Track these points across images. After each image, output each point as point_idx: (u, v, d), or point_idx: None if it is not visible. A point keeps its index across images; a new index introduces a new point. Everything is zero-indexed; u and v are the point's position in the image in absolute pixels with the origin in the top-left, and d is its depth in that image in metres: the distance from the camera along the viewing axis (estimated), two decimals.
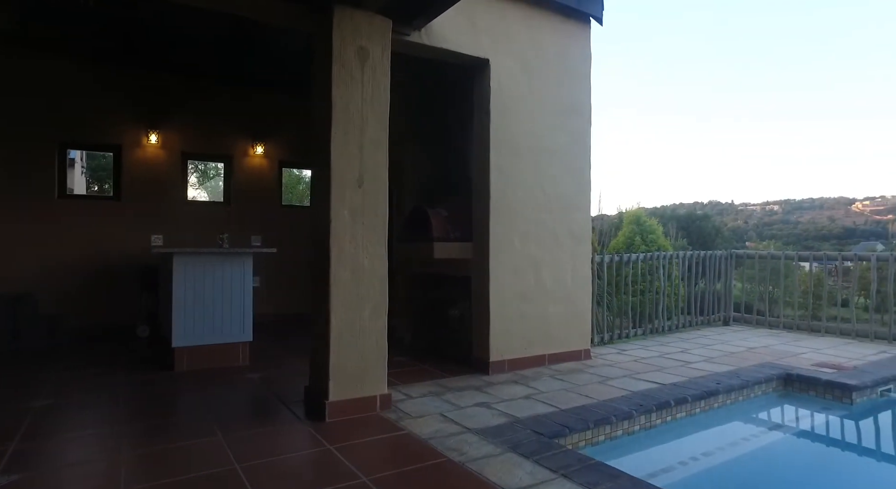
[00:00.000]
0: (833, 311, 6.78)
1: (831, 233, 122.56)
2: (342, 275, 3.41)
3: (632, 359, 5.16)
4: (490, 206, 4.57)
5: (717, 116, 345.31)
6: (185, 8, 3.55)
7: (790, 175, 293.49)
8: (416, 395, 3.93)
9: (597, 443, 3.36)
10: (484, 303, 4.61)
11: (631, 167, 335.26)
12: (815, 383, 4.45)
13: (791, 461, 3.65)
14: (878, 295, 6.42)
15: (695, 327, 7.12)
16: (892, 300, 6.13)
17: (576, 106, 5.11)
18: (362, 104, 3.47)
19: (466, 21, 4.34)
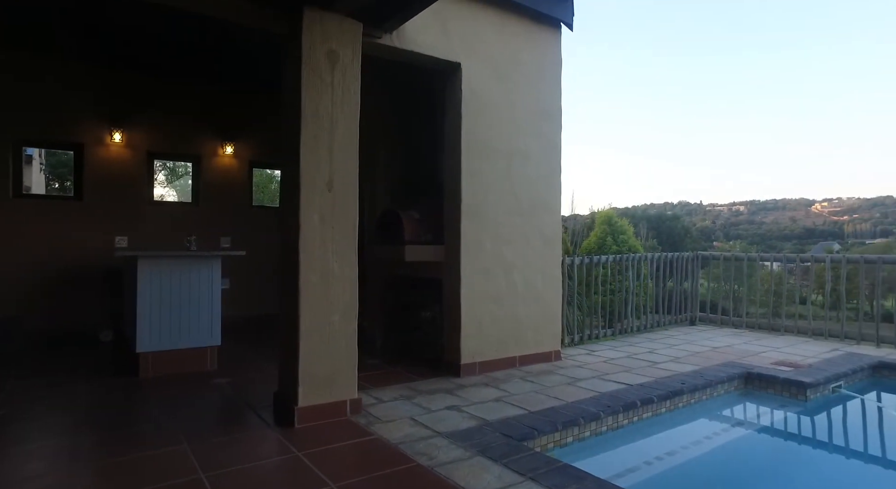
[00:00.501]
0: (792, 309, 7.03)
1: (793, 233, 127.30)
2: (312, 280, 3.39)
3: (601, 360, 5.25)
4: (461, 208, 4.59)
5: (688, 119, 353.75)
6: (151, 6, 3.47)
7: (756, 176, 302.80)
8: (387, 399, 3.93)
9: (565, 444, 3.42)
10: (455, 306, 4.63)
11: (604, 168, 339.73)
12: (773, 381, 4.61)
13: (750, 457, 3.77)
14: (832, 294, 6.69)
15: (663, 327, 7.29)
16: (845, 300, 6.40)
17: (547, 110, 5.17)
18: (332, 108, 3.45)
19: (438, 25, 4.35)
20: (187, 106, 7.15)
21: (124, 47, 6.01)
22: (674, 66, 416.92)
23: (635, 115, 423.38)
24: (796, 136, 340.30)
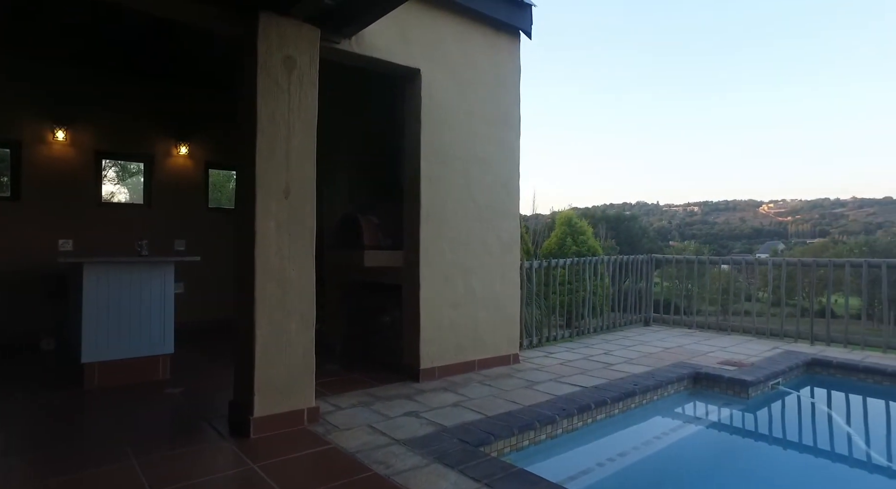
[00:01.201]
0: (740, 306, 7.38)
1: (742, 233, 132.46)
2: (268, 288, 3.34)
3: (558, 363, 5.37)
4: (421, 214, 4.61)
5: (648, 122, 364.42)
6: (101, 3, 3.34)
7: (709, 178, 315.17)
8: (345, 406, 3.91)
9: (521, 448, 3.49)
10: (414, 311, 4.65)
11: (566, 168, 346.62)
12: (719, 381, 4.83)
13: (697, 454, 3.94)
14: (775, 293, 7.05)
15: (618, 328, 7.51)
16: (784, 300, 6.77)
17: (506, 117, 5.25)
18: (289, 114, 3.40)
19: (398, 31, 4.35)
20: (140, 105, 6.89)
21: (68, 40, 5.73)
22: (635, 70, 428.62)
23: (598, 117, 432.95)
24: (747, 139, 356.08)
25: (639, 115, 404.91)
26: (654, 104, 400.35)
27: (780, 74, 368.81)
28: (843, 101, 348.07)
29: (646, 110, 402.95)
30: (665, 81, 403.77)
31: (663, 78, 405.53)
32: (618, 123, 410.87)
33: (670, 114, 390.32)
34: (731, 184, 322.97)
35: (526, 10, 5.18)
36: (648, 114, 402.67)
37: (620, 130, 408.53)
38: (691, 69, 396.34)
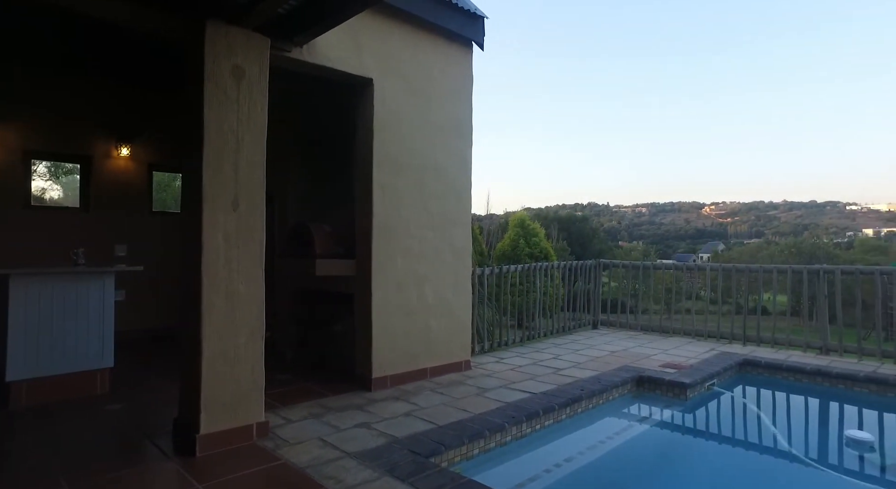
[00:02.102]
0: (683, 305, 7.74)
1: (687, 233, 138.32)
2: (215, 302, 3.27)
3: (509, 368, 5.49)
4: (373, 223, 4.61)
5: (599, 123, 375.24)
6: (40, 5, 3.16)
7: (657, 180, 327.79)
8: (296, 419, 3.87)
9: (471, 457, 3.55)
10: (366, 320, 4.65)
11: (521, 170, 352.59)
12: (660, 383, 5.07)
13: (640, 456, 4.12)
14: (714, 292, 7.45)
15: (568, 332, 7.73)
16: (720, 304, 7.16)
17: (458, 126, 5.32)
18: (238, 124, 3.34)
19: (350, 40, 4.33)
20: (76, 103, 6.54)
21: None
22: (588, 74, 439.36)
23: (553, 119, 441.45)
24: (693, 142, 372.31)
25: (591, 118, 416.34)
26: (607, 107, 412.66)
27: (723, 81, 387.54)
28: (777, 107, 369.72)
29: (598, 113, 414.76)
30: (617, 85, 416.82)
31: (615, 81, 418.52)
32: (571, 125, 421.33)
33: (621, 117, 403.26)
34: (677, 186, 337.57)
35: (478, 22, 5.26)
36: (601, 116, 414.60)
37: (573, 132, 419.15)
38: (642, 73, 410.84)
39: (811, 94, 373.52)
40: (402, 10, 4.61)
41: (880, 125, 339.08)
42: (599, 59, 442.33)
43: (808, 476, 3.73)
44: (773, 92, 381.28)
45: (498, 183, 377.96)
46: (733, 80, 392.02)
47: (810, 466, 3.84)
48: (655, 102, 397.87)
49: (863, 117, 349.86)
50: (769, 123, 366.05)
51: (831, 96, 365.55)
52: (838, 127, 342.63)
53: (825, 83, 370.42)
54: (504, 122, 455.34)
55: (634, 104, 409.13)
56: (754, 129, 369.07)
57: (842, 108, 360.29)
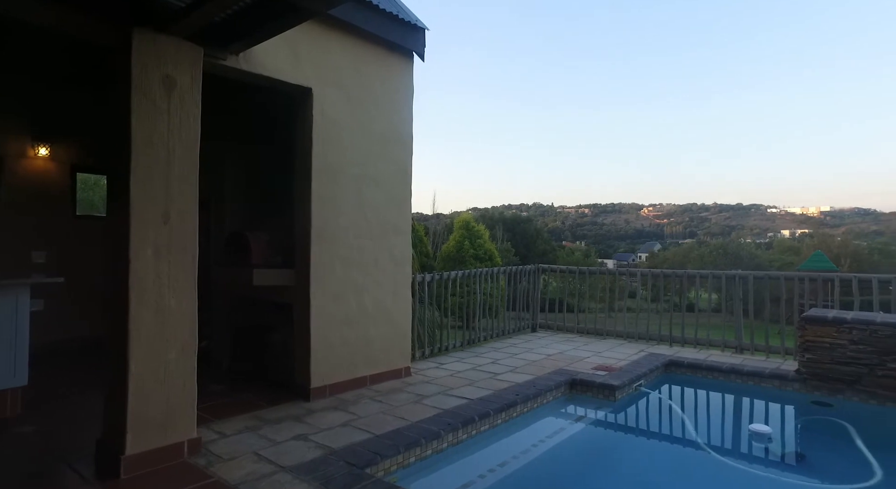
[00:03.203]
0: (622, 302, 8.12)
1: (627, 234, 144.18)
2: (144, 318, 3.18)
3: (448, 374, 5.60)
4: (311, 232, 4.60)
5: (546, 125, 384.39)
6: None
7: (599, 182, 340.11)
8: (231, 432, 3.81)
9: (408, 465, 3.63)
10: (305, 330, 4.63)
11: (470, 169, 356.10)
12: (592, 386, 5.32)
13: (571, 458, 4.31)
14: (651, 291, 7.88)
15: (508, 335, 7.95)
16: (649, 308, 7.60)
17: (398, 136, 5.38)
18: (169, 136, 3.26)
19: (288, 49, 4.30)
20: None
21: None
22: (539, 75, 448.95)
23: (502, 120, 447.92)
24: (633, 145, 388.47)
25: (538, 119, 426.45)
26: (554, 111, 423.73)
27: (659, 87, 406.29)
28: (708, 114, 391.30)
29: (546, 115, 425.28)
30: (563, 89, 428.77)
31: (562, 85, 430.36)
32: (519, 127, 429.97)
33: (567, 120, 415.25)
34: (618, 187, 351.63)
35: (419, 33, 5.34)
36: (548, 119, 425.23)
37: (521, 133, 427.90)
38: (588, 77, 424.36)
39: (735, 103, 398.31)
40: (342, 20, 4.62)
41: (795, 133, 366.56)
42: (548, 62, 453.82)
43: (719, 468, 4.05)
44: (702, 100, 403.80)
45: (447, 183, 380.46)
46: (668, 86, 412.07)
47: (721, 459, 4.17)
48: (598, 107, 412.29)
49: (781, 125, 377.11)
50: (702, 127, 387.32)
51: (753, 104, 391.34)
52: (761, 133, 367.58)
53: (746, 91, 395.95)
54: (456, 121, 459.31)
55: (579, 108, 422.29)
56: (689, 133, 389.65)
57: (762, 115, 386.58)
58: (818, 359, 5.28)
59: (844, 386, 5.13)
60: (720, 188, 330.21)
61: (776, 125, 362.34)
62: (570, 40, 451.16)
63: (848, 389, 5.12)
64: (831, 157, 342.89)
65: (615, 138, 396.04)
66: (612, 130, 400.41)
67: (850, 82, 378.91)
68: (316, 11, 3.24)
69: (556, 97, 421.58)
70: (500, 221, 36.46)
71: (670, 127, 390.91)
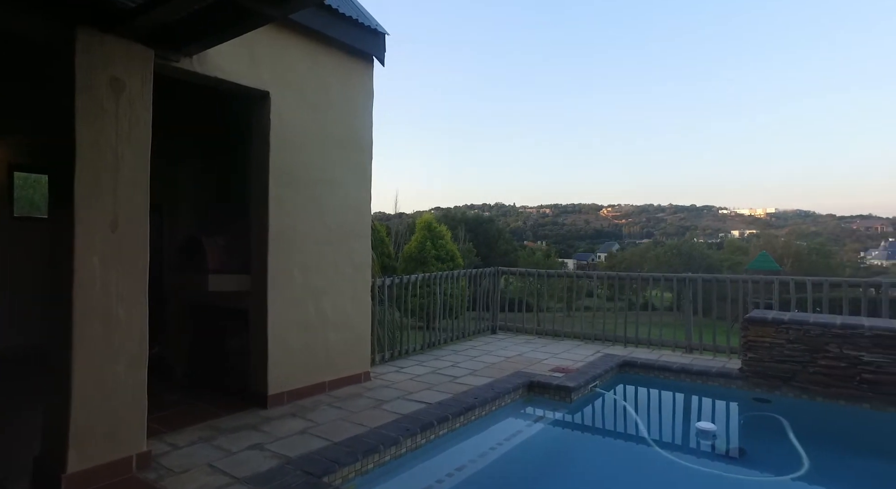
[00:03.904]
0: (581, 302, 8.33)
1: (586, 233, 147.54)
2: (90, 330, 3.07)
3: (408, 378, 5.62)
4: (269, 238, 4.53)
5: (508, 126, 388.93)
6: None
7: (560, 182, 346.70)
8: (184, 444, 3.73)
9: (366, 472, 3.63)
10: (262, 336, 4.56)
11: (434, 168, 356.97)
12: (548, 388, 5.44)
13: (528, 459, 4.40)
14: (609, 291, 8.12)
15: (468, 337, 8.03)
16: (605, 308, 7.83)
17: (358, 140, 5.36)
18: (117, 141, 3.16)
19: (245, 52, 4.23)
20: None
21: None
22: (501, 72, 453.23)
23: (461, 118, 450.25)
24: (593, 146, 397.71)
25: (501, 119, 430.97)
26: (516, 109, 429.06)
27: (614, 88, 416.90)
28: (661, 116, 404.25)
29: (508, 114, 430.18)
30: (525, 87, 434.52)
31: (524, 84, 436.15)
32: (483, 126, 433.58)
33: (529, 119, 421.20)
34: (578, 187, 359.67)
35: (379, 38, 5.33)
36: (510, 118, 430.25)
37: (485, 133, 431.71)
38: (549, 76, 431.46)
39: (692, 105, 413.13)
40: (301, 24, 4.57)
41: (747, 135, 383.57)
42: (510, 62, 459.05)
43: (668, 466, 4.22)
44: (661, 102, 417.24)
45: (410, 182, 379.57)
46: (627, 88, 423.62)
47: (670, 457, 4.35)
48: (559, 107, 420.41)
49: (735, 126, 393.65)
50: (658, 129, 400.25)
51: (709, 106, 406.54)
52: (715, 134, 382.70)
53: (702, 94, 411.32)
54: (420, 120, 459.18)
55: (540, 108, 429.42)
56: (646, 133, 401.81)
57: (718, 117, 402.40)
58: (759, 358, 5.57)
59: (781, 382, 5.44)
60: (676, 189, 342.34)
61: (730, 126, 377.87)
62: (533, 37, 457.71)
63: (784, 386, 5.42)
64: (777, 159, 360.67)
65: (576, 138, 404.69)
66: (573, 131, 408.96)
67: (794, 91, 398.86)
68: (273, 17, 3.20)
69: (519, 97, 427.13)
70: (463, 221, 36.72)
71: (629, 127, 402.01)
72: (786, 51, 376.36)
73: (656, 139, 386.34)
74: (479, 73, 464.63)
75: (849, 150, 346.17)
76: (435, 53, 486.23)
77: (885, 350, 4.94)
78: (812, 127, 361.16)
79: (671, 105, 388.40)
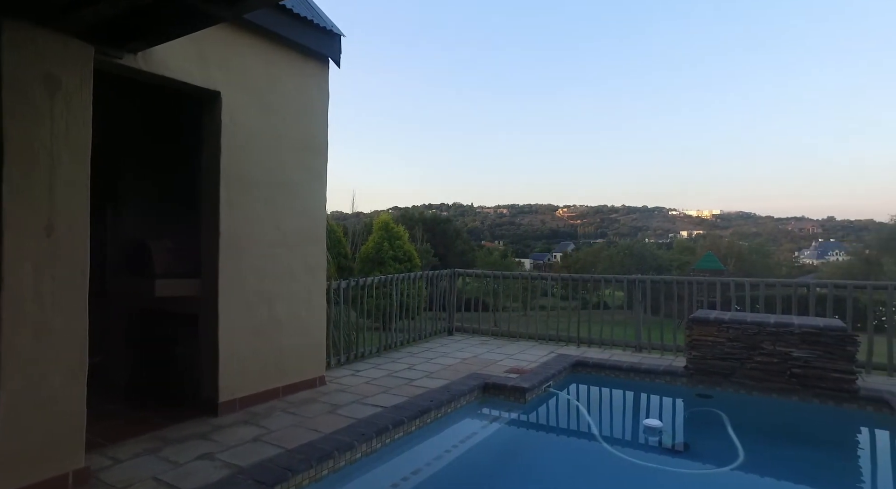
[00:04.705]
0: (536, 301, 8.48)
1: (543, 233, 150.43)
2: (21, 342, 2.91)
3: (363, 382, 5.59)
4: (220, 241, 4.41)
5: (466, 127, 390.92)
6: None
7: (517, 182, 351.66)
8: (127, 457, 3.58)
9: (321, 478, 3.59)
10: (213, 342, 4.44)
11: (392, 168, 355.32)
12: (503, 389, 5.53)
13: (483, 461, 4.44)
14: (563, 289, 8.29)
15: (425, 339, 8.05)
16: (558, 310, 8.02)
17: (313, 143, 5.28)
18: (52, 141, 3.01)
19: (195, 50, 4.10)
20: None
21: None
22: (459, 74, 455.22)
23: (420, 118, 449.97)
24: (551, 146, 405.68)
25: (458, 119, 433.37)
26: (474, 108, 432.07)
27: (569, 89, 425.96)
28: (614, 119, 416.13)
29: (466, 113, 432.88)
30: (480, 86, 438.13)
31: (479, 82, 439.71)
32: (442, 125, 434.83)
33: (488, 118, 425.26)
34: (535, 187, 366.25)
35: (335, 39, 5.28)
36: (468, 117, 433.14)
37: (443, 133, 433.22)
38: (503, 76, 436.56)
39: (641, 106, 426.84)
40: (254, 23, 4.47)
41: (695, 136, 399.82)
42: (466, 61, 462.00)
43: (618, 463, 4.36)
44: (615, 104, 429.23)
45: (368, 181, 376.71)
46: (580, 89, 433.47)
47: (619, 455, 4.50)
48: (519, 107, 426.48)
49: (684, 127, 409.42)
50: (614, 129, 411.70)
51: (660, 108, 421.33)
52: (664, 136, 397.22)
53: (652, 96, 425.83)
54: (380, 119, 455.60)
55: (500, 108, 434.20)
56: (602, 134, 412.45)
57: (668, 117, 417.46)
58: (702, 356, 5.83)
59: (722, 378, 5.72)
60: (628, 190, 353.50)
61: (679, 128, 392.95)
62: (492, 36, 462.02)
63: (725, 381, 5.71)
64: (722, 162, 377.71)
65: (534, 139, 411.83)
66: (530, 131, 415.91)
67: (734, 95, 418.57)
68: (224, 18, 3.12)
69: (477, 97, 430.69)
70: (420, 221, 36.70)
71: (586, 127, 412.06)
72: (730, 54, 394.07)
73: (612, 140, 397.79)
74: (438, 72, 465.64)
75: (784, 155, 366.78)
76: (392, 51, 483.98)
77: (811, 346, 5.30)
78: (753, 131, 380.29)
79: (627, 106, 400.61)
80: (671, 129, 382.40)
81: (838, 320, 5.73)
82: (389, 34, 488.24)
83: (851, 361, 5.20)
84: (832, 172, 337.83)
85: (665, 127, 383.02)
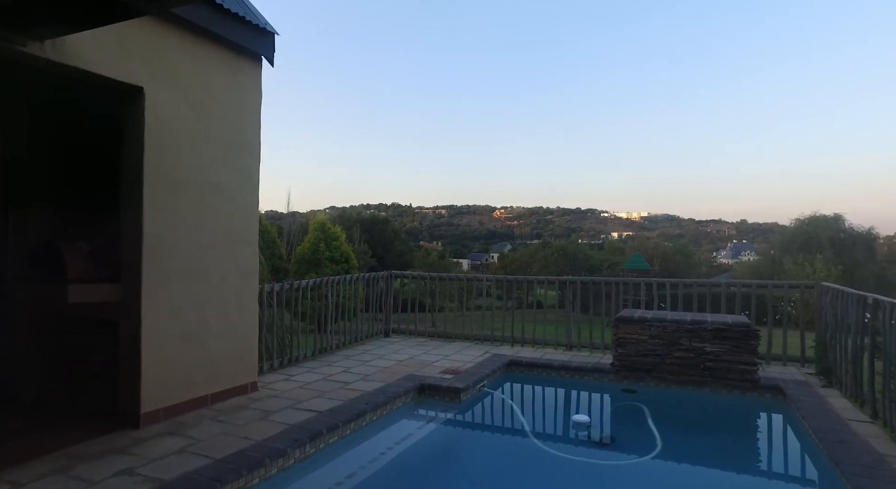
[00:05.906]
0: (473, 301, 8.64)
1: (480, 234, 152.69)
2: None
3: (297, 386, 5.49)
4: (143, 244, 4.19)
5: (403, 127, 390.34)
6: None
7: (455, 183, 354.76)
8: (30, 479, 3.29)
9: (252, 487, 3.52)
10: (134, 349, 4.22)
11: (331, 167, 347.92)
12: (439, 389, 5.60)
13: (419, 461, 4.48)
14: (498, 289, 8.48)
15: (361, 341, 8.00)
16: (493, 312, 8.21)
17: (245, 143, 5.13)
18: None
19: (115, 42, 3.88)
20: None
21: None
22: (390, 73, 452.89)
23: (358, 117, 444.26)
24: (489, 147, 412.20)
25: (399, 119, 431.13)
26: (411, 107, 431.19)
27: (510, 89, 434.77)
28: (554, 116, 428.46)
29: (403, 113, 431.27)
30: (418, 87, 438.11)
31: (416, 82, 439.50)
32: (380, 125, 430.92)
33: (427, 119, 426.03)
34: (473, 189, 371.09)
35: (268, 37, 5.15)
36: (405, 117, 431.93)
37: (382, 132, 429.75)
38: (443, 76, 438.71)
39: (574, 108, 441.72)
40: (180, 17, 4.28)
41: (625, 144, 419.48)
42: (405, 60, 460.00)
43: (549, 458, 4.54)
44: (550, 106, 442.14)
45: (304, 179, 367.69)
46: (520, 91, 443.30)
47: (550, 451, 4.69)
48: (455, 108, 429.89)
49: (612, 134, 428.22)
50: (548, 131, 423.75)
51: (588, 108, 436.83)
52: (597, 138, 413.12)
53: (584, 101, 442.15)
54: (317, 117, 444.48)
55: (436, 108, 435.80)
56: (537, 135, 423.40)
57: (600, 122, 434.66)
58: (627, 353, 6.18)
59: (645, 374, 6.09)
60: (563, 192, 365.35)
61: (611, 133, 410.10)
62: (428, 34, 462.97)
63: (647, 377, 6.08)
64: (650, 166, 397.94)
65: (471, 140, 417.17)
66: (467, 132, 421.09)
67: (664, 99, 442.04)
68: (147, 11, 2.98)
69: (413, 98, 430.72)
70: (358, 222, 36.33)
71: (523, 128, 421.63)
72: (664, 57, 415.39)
73: (548, 142, 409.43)
74: (377, 70, 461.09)
75: (705, 160, 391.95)
76: (329, 46, 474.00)
77: (721, 341, 5.77)
78: (680, 138, 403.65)
79: (560, 108, 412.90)
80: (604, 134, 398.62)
81: (744, 317, 6.25)
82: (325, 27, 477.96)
83: (754, 354, 5.70)
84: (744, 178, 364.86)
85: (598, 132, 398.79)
